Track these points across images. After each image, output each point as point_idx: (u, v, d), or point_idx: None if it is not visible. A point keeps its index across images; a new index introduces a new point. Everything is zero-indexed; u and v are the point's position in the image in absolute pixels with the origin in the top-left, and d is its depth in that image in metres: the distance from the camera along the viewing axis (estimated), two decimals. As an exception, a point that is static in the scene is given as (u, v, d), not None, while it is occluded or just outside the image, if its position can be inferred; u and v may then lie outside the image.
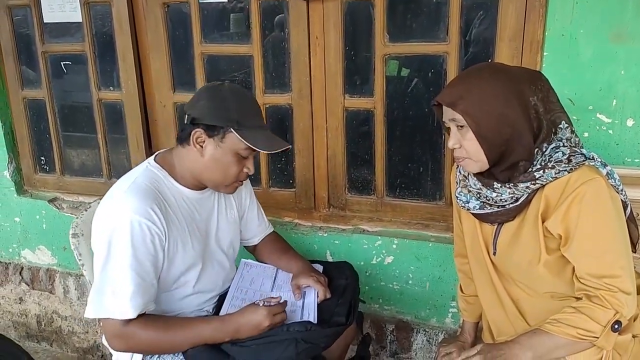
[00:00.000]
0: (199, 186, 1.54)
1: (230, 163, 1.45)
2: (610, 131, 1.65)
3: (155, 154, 1.56)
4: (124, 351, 1.45)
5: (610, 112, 1.64)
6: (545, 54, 1.65)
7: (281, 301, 1.48)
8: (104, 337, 1.58)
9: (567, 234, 1.21)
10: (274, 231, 1.86)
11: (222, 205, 1.63)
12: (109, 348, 1.56)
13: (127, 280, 1.34)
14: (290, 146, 1.51)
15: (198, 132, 1.42)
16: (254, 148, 1.42)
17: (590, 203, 1.18)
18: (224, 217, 1.63)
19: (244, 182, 1.54)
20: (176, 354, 1.46)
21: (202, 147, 1.44)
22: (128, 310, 1.34)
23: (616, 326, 1.18)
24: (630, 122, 1.62)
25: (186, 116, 1.44)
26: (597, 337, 1.18)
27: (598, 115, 1.65)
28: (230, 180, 1.48)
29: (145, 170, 1.48)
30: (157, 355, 1.48)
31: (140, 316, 1.38)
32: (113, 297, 1.34)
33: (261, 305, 1.42)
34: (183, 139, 1.47)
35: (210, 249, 1.58)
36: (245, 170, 1.48)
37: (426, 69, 1.90)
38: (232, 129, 1.40)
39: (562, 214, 1.20)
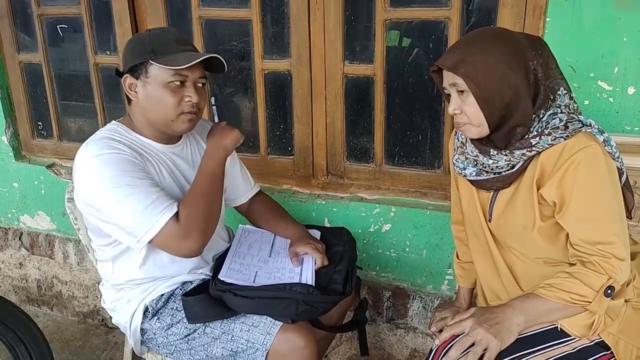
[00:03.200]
0: (168, 138, 1.54)
1: (164, 95, 1.41)
2: (611, 99, 1.64)
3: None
4: (200, 245, 1.41)
5: (611, 80, 1.62)
6: (547, 19, 1.63)
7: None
8: (104, 302, 1.61)
9: (561, 200, 1.22)
10: (262, 191, 1.86)
11: (198, 158, 1.60)
12: (109, 311, 1.59)
13: (144, 190, 1.35)
14: (217, 55, 1.44)
15: (127, 80, 1.44)
16: (175, 68, 1.38)
17: (586, 170, 1.18)
18: None
19: (197, 114, 1.49)
20: (177, 311, 1.48)
21: (135, 92, 1.44)
22: (169, 209, 1.36)
23: (609, 291, 1.20)
24: (631, 90, 1.61)
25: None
26: (590, 302, 1.19)
27: (599, 82, 1.64)
28: (174, 112, 1.43)
29: (105, 127, 1.51)
30: (155, 317, 1.50)
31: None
32: (148, 209, 1.34)
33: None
34: (127, 96, 1.48)
35: None
36: (186, 99, 1.43)
37: (427, 35, 1.88)
38: (150, 61, 1.39)
39: (557, 181, 1.21)
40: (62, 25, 2.36)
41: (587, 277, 1.19)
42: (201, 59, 1.40)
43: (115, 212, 1.36)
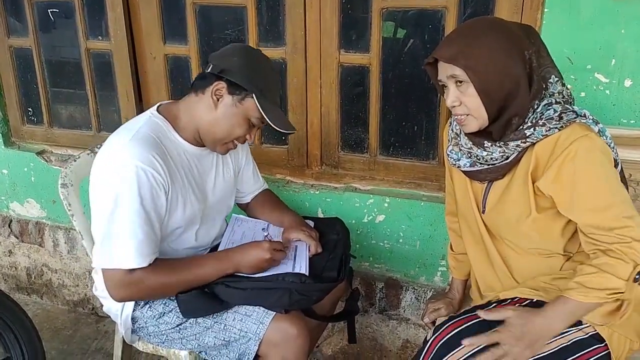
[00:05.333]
0: (199, 142, 1.51)
1: (239, 125, 1.45)
2: (608, 91, 1.63)
3: (158, 104, 1.53)
4: (127, 300, 1.45)
5: (608, 72, 1.62)
6: (545, 10, 1.62)
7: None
8: (95, 289, 1.59)
9: (563, 194, 1.20)
10: (267, 188, 1.86)
11: (220, 164, 1.62)
12: (100, 299, 1.57)
13: (135, 229, 1.32)
14: (296, 131, 1.55)
15: (220, 85, 1.41)
16: (269, 121, 1.41)
17: (584, 159, 1.17)
18: (221, 175, 1.62)
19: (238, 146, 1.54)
20: (169, 300, 1.48)
21: (218, 100, 1.42)
22: (137, 259, 1.33)
23: (637, 276, 1.17)
24: (628, 83, 1.61)
25: (212, 65, 1.42)
26: (623, 292, 1.17)
27: (596, 75, 1.63)
28: (230, 139, 1.48)
29: (149, 120, 1.45)
30: (147, 305, 1.49)
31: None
32: (122, 247, 1.33)
33: (264, 240, 1.45)
34: (200, 87, 1.45)
35: (207, 206, 1.57)
36: (247, 137, 1.49)
37: (424, 25, 1.86)
38: (254, 95, 1.40)
39: (553, 174, 1.20)
40: (53, 10, 2.32)
41: (614, 268, 1.16)
42: (290, 132, 1.49)
43: (100, 218, 1.36)
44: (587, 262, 1.21)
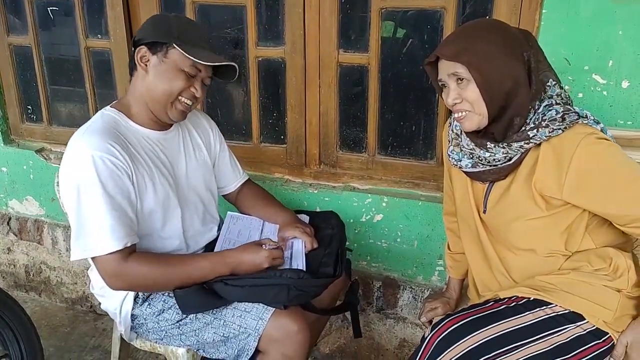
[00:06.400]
0: (159, 124, 1.53)
1: (175, 78, 1.44)
2: (605, 92, 1.64)
3: (112, 102, 1.55)
4: (122, 289, 1.46)
5: (606, 73, 1.62)
6: (544, 11, 1.62)
7: (279, 246, 1.52)
8: (93, 288, 1.60)
9: (594, 197, 1.21)
10: (250, 179, 1.86)
11: (189, 146, 1.63)
12: (97, 297, 1.58)
13: (104, 214, 1.33)
14: (235, 65, 1.48)
15: (142, 50, 1.44)
16: (194, 59, 1.40)
17: (595, 157, 1.19)
18: (193, 157, 1.63)
19: (190, 107, 1.51)
20: (169, 297, 1.48)
21: (146, 65, 1.44)
22: (112, 242, 1.34)
23: None
24: (625, 84, 1.61)
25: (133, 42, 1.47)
26: None
27: (593, 75, 1.63)
28: (174, 97, 1.45)
29: (102, 114, 1.48)
30: (147, 302, 1.50)
31: (135, 252, 1.39)
32: (94, 234, 1.34)
33: (265, 247, 1.45)
34: (131, 67, 1.48)
35: (183, 190, 1.57)
36: (191, 89, 1.46)
37: (423, 25, 1.87)
38: (174, 45, 1.41)
39: (575, 182, 1.20)
40: (53, 8, 2.32)
41: None
42: (222, 64, 1.44)
43: (69, 211, 1.38)
44: None
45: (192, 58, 1.40)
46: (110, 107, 1.51)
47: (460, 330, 1.25)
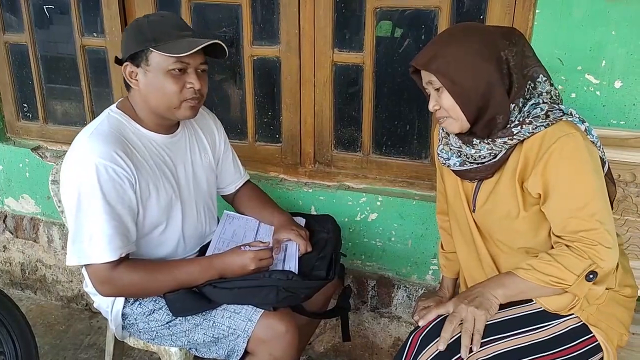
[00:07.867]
0: (166, 127, 1.52)
1: (166, 82, 1.39)
2: (598, 92, 1.64)
3: (118, 101, 1.54)
4: (111, 296, 1.46)
5: (598, 73, 1.63)
6: (537, 11, 1.62)
7: (269, 246, 1.51)
8: (87, 285, 1.60)
9: (546, 190, 1.22)
10: (249, 180, 1.86)
11: (196, 148, 1.62)
12: (91, 295, 1.58)
13: (102, 224, 1.33)
14: (218, 40, 1.41)
15: (127, 67, 1.42)
16: (174, 55, 1.36)
17: (568, 157, 1.19)
18: (198, 160, 1.62)
19: (199, 100, 1.47)
20: (159, 297, 1.48)
21: (136, 80, 1.43)
22: (108, 253, 1.34)
23: (591, 276, 1.20)
24: (618, 84, 1.62)
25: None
26: (570, 285, 1.20)
27: (586, 76, 1.64)
28: (177, 100, 1.42)
29: (108, 117, 1.46)
30: (137, 302, 1.50)
31: (125, 260, 1.39)
32: (91, 242, 1.34)
33: (246, 249, 1.44)
34: (126, 85, 1.47)
35: (186, 193, 1.57)
36: (188, 86, 1.42)
37: (417, 25, 1.87)
38: (151, 49, 1.38)
39: (539, 172, 1.22)
40: (49, 6, 2.32)
41: (568, 260, 1.19)
42: (202, 46, 1.38)
43: (68, 216, 1.38)
44: (548, 250, 1.25)
45: (171, 55, 1.36)
46: (117, 107, 1.49)
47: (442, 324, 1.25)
